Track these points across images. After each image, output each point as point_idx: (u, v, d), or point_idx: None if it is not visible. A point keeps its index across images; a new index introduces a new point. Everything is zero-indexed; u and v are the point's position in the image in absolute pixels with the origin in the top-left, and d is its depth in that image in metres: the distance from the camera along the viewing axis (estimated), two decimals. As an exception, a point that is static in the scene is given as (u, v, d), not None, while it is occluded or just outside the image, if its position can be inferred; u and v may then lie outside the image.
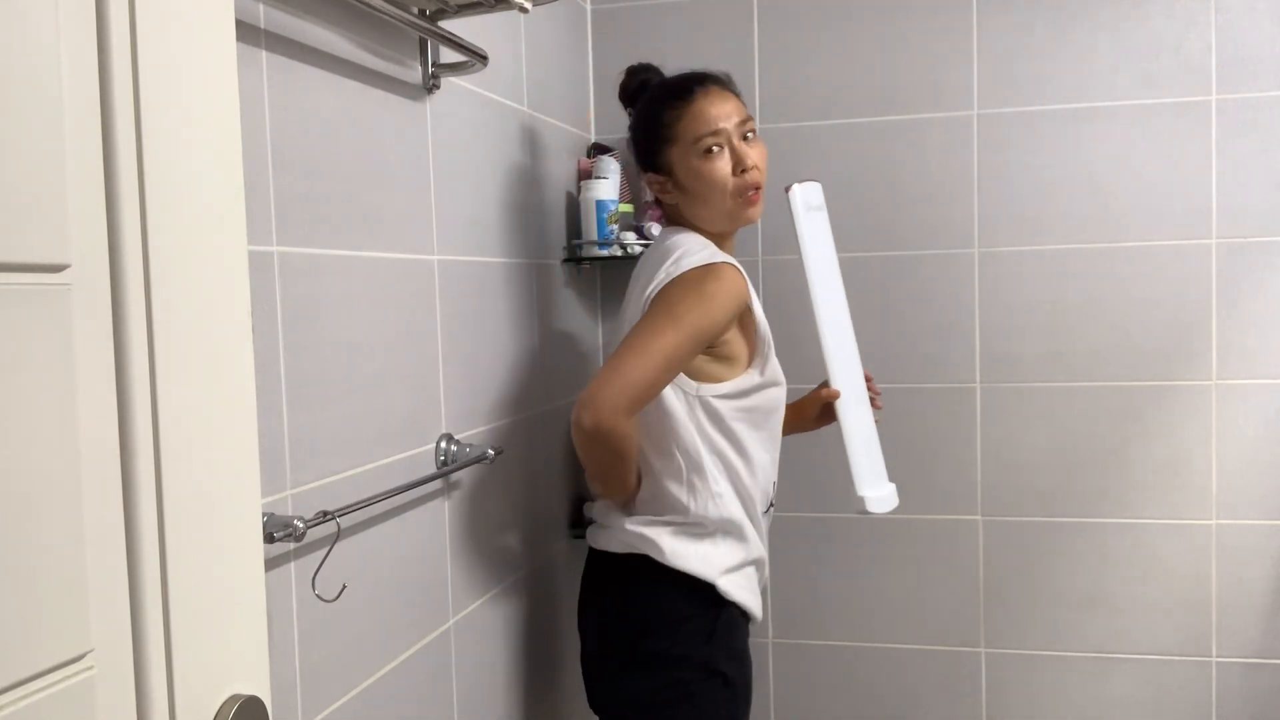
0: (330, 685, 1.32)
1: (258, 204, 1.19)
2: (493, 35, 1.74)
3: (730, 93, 1.69)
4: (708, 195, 1.65)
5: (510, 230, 1.89)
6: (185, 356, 0.72)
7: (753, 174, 1.64)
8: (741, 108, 1.69)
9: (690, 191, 1.67)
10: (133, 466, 0.68)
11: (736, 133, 1.65)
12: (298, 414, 1.25)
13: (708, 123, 1.64)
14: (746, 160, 1.64)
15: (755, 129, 1.69)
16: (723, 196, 1.65)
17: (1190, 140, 2.12)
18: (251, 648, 0.79)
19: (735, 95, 1.70)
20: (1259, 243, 2.11)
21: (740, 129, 1.66)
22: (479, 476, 1.74)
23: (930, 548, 2.28)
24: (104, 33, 0.66)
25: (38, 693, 0.60)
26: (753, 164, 1.64)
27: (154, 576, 0.69)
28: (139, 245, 0.68)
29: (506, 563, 1.84)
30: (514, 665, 1.86)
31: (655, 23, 2.33)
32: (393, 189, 1.48)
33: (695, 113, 1.65)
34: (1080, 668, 2.23)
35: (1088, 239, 2.17)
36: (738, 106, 1.68)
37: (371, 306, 1.42)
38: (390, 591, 1.46)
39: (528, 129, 1.99)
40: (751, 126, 1.68)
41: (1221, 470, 2.15)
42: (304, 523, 1.18)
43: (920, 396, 2.25)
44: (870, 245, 2.26)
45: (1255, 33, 2.09)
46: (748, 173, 1.64)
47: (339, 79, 1.36)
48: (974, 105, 2.20)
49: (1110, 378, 2.18)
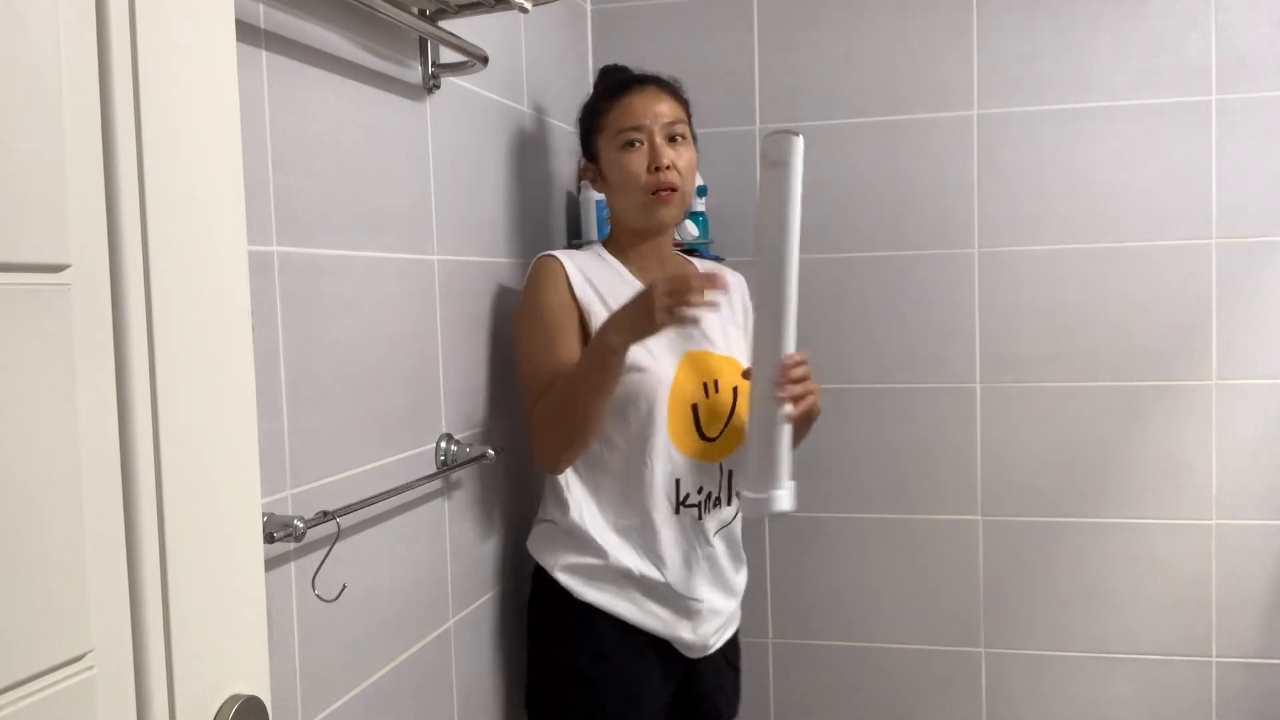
0: (330, 685, 1.32)
1: (258, 204, 1.19)
2: (493, 35, 1.74)
3: (668, 95, 1.73)
4: (622, 187, 1.71)
5: (510, 230, 1.89)
6: (185, 356, 0.72)
7: (667, 174, 1.66)
8: (677, 110, 1.72)
9: (610, 182, 1.74)
10: (133, 466, 0.68)
11: (661, 132, 1.68)
12: (298, 414, 1.25)
13: (632, 117, 1.69)
14: (661, 159, 1.67)
15: (687, 133, 1.72)
16: (635, 191, 1.69)
17: (1190, 140, 2.12)
18: (251, 648, 0.79)
19: (675, 99, 1.74)
20: (1259, 243, 2.11)
21: (667, 129, 1.69)
22: (479, 476, 1.74)
23: (930, 548, 2.28)
24: (104, 33, 0.66)
25: (38, 693, 0.60)
26: (667, 163, 1.66)
27: (154, 576, 0.69)
28: (139, 245, 0.68)
29: (506, 563, 1.84)
30: (514, 665, 1.86)
31: (655, 23, 2.32)
32: (393, 189, 1.48)
33: (624, 106, 1.71)
34: (1080, 668, 2.23)
35: (1088, 239, 2.17)
36: (672, 108, 1.71)
37: (371, 306, 1.42)
38: (390, 591, 1.46)
39: (528, 129, 1.99)
40: (681, 130, 1.70)
41: (1221, 470, 2.14)
42: (304, 523, 1.18)
43: (920, 396, 2.25)
44: (870, 245, 2.26)
45: (1255, 33, 2.09)
46: (660, 171, 1.66)
47: (339, 79, 1.36)
48: (974, 105, 2.20)
49: (1110, 378, 2.18)
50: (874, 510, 2.28)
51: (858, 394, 2.25)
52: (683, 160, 1.69)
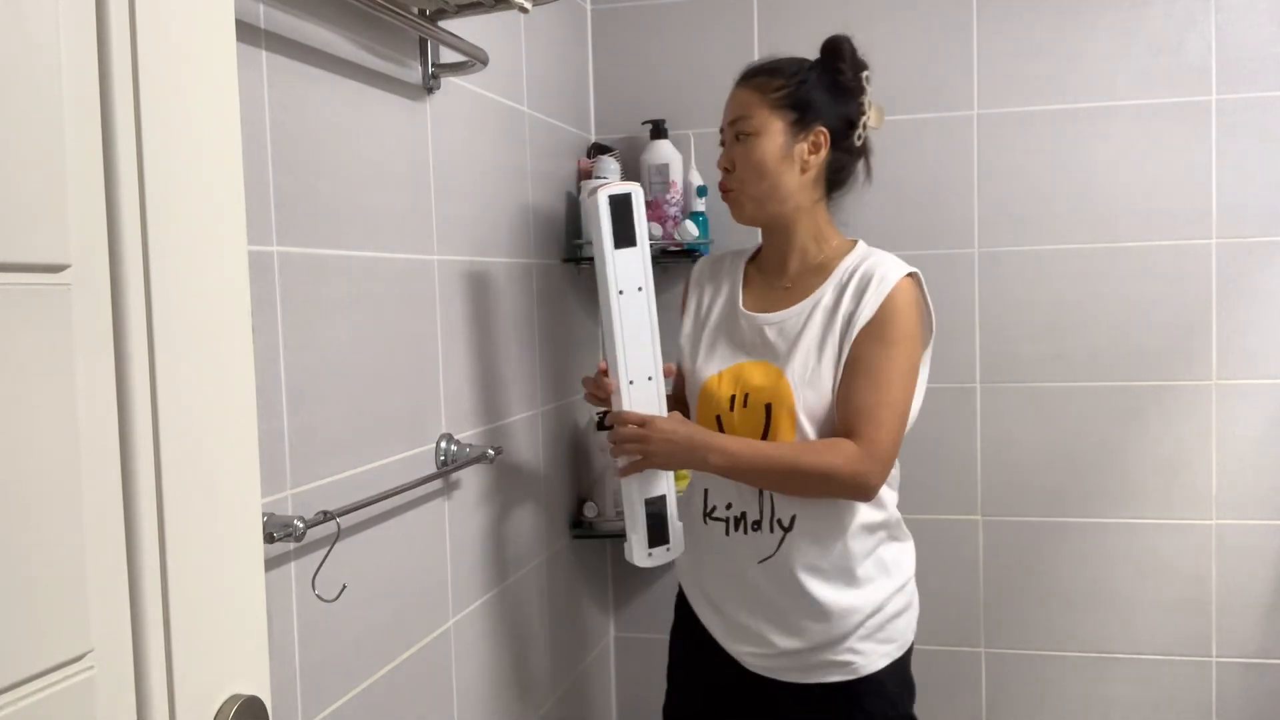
0: (330, 685, 1.32)
1: (258, 204, 1.19)
2: (493, 35, 1.74)
3: (746, 86, 1.61)
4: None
5: (510, 230, 1.89)
6: (185, 357, 0.72)
7: (723, 176, 1.63)
8: (744, 104, 1.60)
9: None
10: (133, 466, 0.67)
11: (729, 131, 1.62)
12: (298, 414, 1.25)
13: (722, 119, 1.64)
14: (721, 160, 1.63)
15: (750, 127, 1.58)
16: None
17: (1190, 140, 2.12)
18: (251, 648, 0.79)
19: (753, 88, 1.60)
20: (1259, 243, 2.11)
21: (732, 128, 1.61)
22: (479, 476, 1.74)
23: (930, 548, 2.27)
24: (104, 33, 0.66)
25: (38, 693, 0.60)
26: (722, 165, 1.63)
27: (154, 576, 0.69)
28: (139, 245, 0.68)
29: (506, 563, 1.84)
30: (514, 665, 1.86)
31: (655, 23, 2.33)
32: (393, 189, 1.48)
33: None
34: (1080, 668, 2.23)
35: (1088, 239, 2.17)
36: (741, 103, 1.60)
37: (371, 306, 1.42)
38: (390, 591, 1.46)
39: (528, 129, 1.99)
40: (742, 127, 1.58)
41: (1221, 470, 2.14)
42: (304, 523, 1.18)
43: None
44: (870, 245, 2.26)
45: (1255, 33, 2.09)
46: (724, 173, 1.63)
47: (339, 79, 1.36)
48: (974, 105, 2.20)
49: (1110, 378, 2.18)
50: (874, 510, 2.28)
51: (858, 394, 2.25)
52: (742, 157, 1.58)
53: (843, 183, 1.65)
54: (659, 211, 2.20)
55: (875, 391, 1.50)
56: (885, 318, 1.52)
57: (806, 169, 1.58)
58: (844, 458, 1.48)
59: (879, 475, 1.50)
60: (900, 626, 1.60)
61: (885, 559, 1.59)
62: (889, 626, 1.59)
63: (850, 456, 1.48)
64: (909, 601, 1.63)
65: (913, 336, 1.55)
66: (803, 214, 1.61)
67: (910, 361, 1.54)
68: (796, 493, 1.54)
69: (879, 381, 1.50)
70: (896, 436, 1.52)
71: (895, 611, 1.59)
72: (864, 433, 1.48)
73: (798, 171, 1.58)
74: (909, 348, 1.54)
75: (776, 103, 1.58)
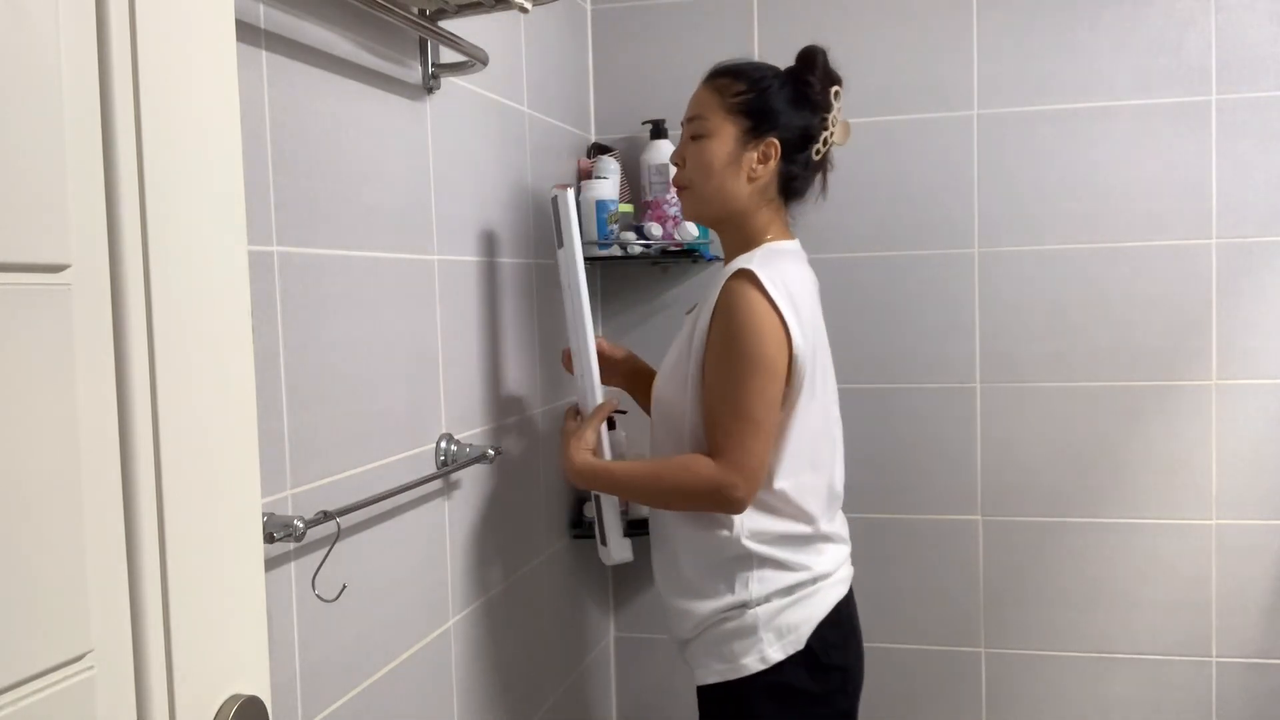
0: (330, 685, 1.32)
1: (258, 204, 1.19)
2: (493, 35, 1.74)
3: (709, 88, 1.59)
4: None
5: (510, 230, 1.89)
6: (185, 356, 0.72)
7: (675, 171, 1.63)
8: (701, 104, 1.58)
9: None
10: (133, 466, 0.67)
11: (686, 128, 1.61)
12: (298, 414, 1.25)
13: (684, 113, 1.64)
14: (673, 155, 1.64)
15: (705, 129, 1.56)
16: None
17: (1190, 140, 2.12)
18: (251, 648, 0.79)
19: (714, 89, 1.58)
20: (1259, 243, 2.11)
21: (689, 125, 1.60)
22: (479, 476, 1.74)
23: (930, 548, 2.28)
24: (104, 33, 0.66)
25: (38, 693, 0.60)
26: (674, 160, 1.63)
27: (154, 576, 0.69)
28: (139, 245, 0.68)
29: (506, 563, 1.84)
30: (514, 665, 1.86)
31: (655, 23, 2.33)
32: (393, 189, 1.48)
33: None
34: (1080, 668, 2.23)
35: (1088, 239, 2.17)
36: (699, 102, 1.59)
37: (371, 306, 1.42)
38: (390, 591, 1.46)
39: (528, 129, 1.99)
40: (696, 127, 1.57)
41: (1221, 470, 2.14)
42: (304, 523, 1.18)
43: (920, 396, 2.25)
44: (870, 245, 2.26)
45: (1255, 33, 2.09)
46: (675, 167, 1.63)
47: (339, 79, 1.36)
48: (974, 105, 2.20)
49: (1110, 378, 2.18)
50: (874, 510, 2.28)
51: (858, 394, 2.25)
52: (693, 155, 1.58)
53: (798, 193, 1.62)
54: (659, 211, 2.20)
55: (719, 402, 1.48)
56: (718, 322, 1.48)
57: (754, 177, 1.56)
58: (692, 473, 1.48)
59: (739, 488, 1.45)
60: (736, 649, 1.53)
61: (736, 578, 1.53)
62: (725, 646, 1.53)
63: (702, 471, 1.47)
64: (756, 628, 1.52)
65: (744, 336, 1.46)
66: (749, 219, 1.58)
67: (748, 364, 1.45)
68: (676, 508, 1.56)
69: (719, 392, 1.48)
70: (748, 443, 1.45)
71: (733, 633, 1.53)
72: (712, 443, 1.49)
73: (744, 179, 1.56)
74: (743, 348, 1.46)
75: (733, 107, 1.56)
